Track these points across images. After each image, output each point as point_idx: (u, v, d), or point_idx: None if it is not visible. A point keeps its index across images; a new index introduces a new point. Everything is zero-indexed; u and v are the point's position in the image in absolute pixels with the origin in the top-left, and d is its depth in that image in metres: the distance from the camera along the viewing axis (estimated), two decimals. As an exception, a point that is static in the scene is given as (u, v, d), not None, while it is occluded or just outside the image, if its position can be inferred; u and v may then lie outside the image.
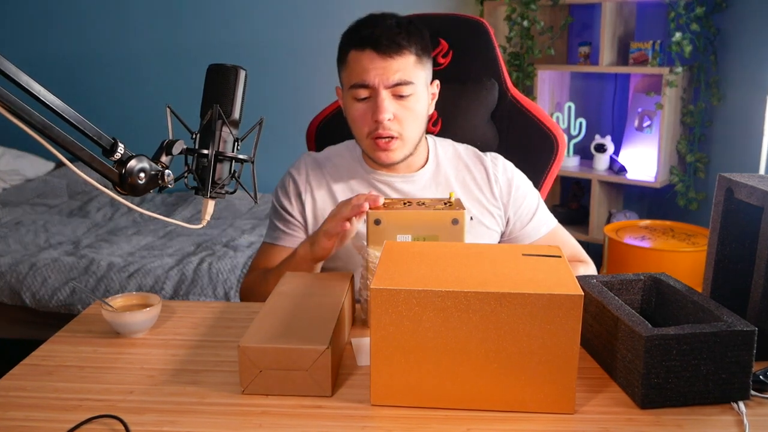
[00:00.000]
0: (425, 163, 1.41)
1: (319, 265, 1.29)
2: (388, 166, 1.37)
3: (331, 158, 1.43)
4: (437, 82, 1.39)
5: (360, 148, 1.42)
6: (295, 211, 1.41)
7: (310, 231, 1.39)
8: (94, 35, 3.68)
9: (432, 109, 1.39)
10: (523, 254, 0.95)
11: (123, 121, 3.50)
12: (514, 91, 1.60)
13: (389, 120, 1.28)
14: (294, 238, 1.40)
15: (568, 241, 1.44)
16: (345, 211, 1.15)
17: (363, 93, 1.29)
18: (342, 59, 1.33)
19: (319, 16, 3.50)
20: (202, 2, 3.58)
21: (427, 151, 1.43)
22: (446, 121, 1.57)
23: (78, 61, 3.70)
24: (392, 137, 1.30)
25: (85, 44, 3.69)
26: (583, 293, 0.83)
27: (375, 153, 1.33)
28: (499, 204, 1.40)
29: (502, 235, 1.43)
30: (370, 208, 1.11)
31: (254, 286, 1.38)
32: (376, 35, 1.26)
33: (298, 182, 1.41)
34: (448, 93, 1.54)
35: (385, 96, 1.27)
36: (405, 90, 1.28)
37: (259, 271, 1.40)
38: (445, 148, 1.45)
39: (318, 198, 1.39)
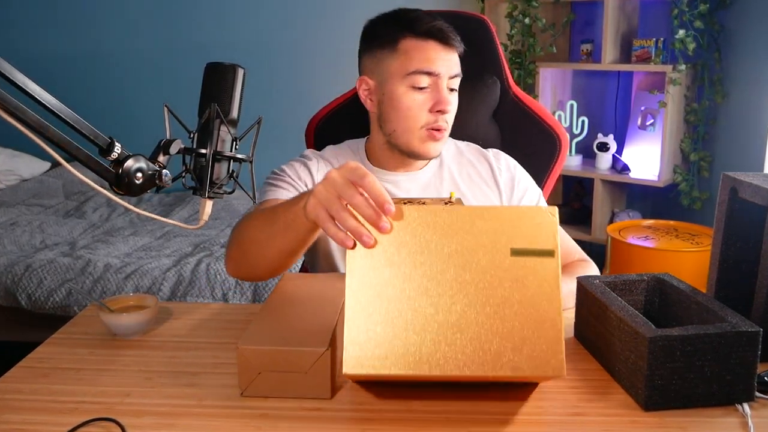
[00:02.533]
0: (428, 161, 1.41)
1: (315, 235, 1.04)
2: (427, 159, 1.36)
3: (336, 157, 1.41)
4: None
5: (363, 148, 1.40)
6: (301, 181, 1.34)
7: None
8: (90, 34, 3.67)
9: None
10: (512, 253, 0.85)
11: (120, 120, 3.49)
12: (516, 90, 1.59)
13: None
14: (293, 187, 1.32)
15: (564, 241, 1.43)
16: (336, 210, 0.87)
17: (425, 81, 1.27)
18: (390, 46, 1.29)
19: (319, 15, 3.50)
20: (199, 0, 3.57)
21: None
22: (447, 120, 1.56)
23: (74, 59, 3.69)
24: (442, 129, 1.30)
25: (82, 43, 3.68)
26: (564, 373, 0.83)
27: (426, 144, 1.30)
28: (503, 198, 1.40)
29: None
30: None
31: (244, 225, 1.16)
32: (438, 27, 1.27)
33: (310, 166, 1.36)
34: (449, 91, 1.53)
35: (446, 87, 1.28)
36: (456, 83, 1.31)
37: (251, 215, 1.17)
38: (446, 146, 1.45)
39: None
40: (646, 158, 3.06)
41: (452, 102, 1.30)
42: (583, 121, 3.20)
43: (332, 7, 3.47)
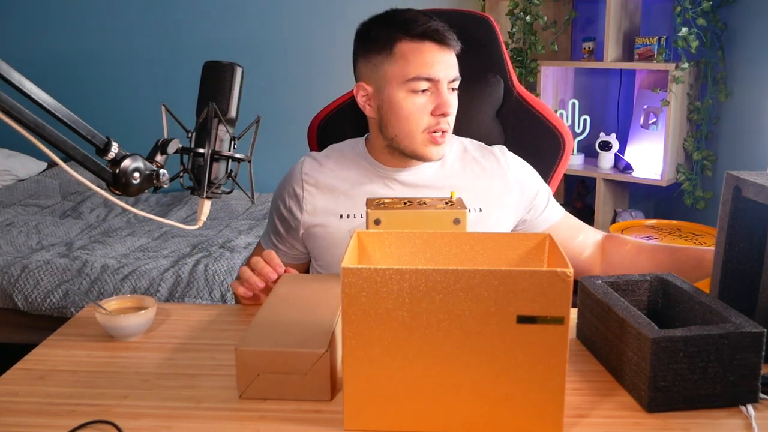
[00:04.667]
0: None
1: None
2: (427, 161, 1.35)
3: (333, 155, 1.42)
4: None
5: (363, 145, 1.40)
6: (287, 212, 1.39)
7: (308, 226, 1.37)
8: (87, 32, 3.66)
9: None
10: (519, 320, 0.79)
11: (117, 119, 3.49)
12: (520, 89, 1.58)
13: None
14: (279, 251, 1.41)
15: (583, 225, 1.45)
16: (252, 280, 1.18)
17: (425, 85, 1.26)
18: (386, 50, 1.28)
19: (318, 13, 3.49)
20: (198, -2, 3.57)
21: None
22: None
23: (71, 58, 3.68)
24: (445, 131, 1.30)
25: (78, 42, 3.67)
26: None
27: (428, 147, 1.30)
28: (514, 192, 1.39)
29: (519, 222, 1.42)
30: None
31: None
32: (434, 28, 1.26)
33: (295, 184, 1.39)
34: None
35: (447, 90, 1.28)
36: (456, 84, 1.30)
37: None
38: (450, 142, 1.44)
39: (317, 195, 1.37)
40: (648, 157, 3.05)
41: (453, 104, 1.29)
42: (585, 120, 3.19)
43: (332, 4, 3.46)
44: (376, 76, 1.30)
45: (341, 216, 1.34)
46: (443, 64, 1.26)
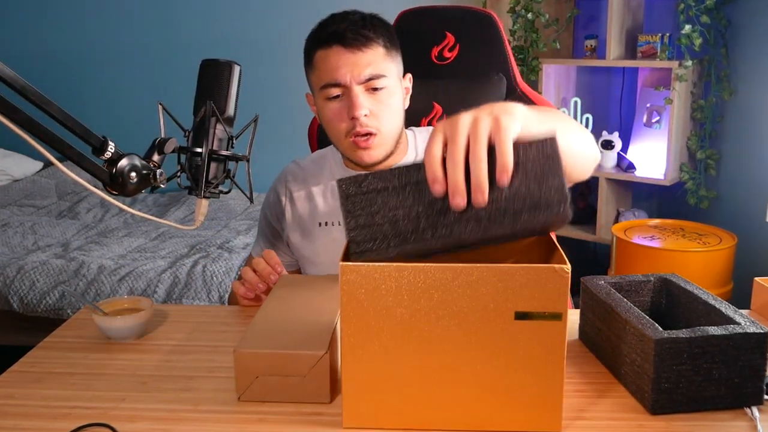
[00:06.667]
0: (404, 157, 1.37)
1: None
2: (370, 167, 1.30)
3: (315, 161, 1.43)
4: (410, 75, 1.35)
5: (340, 153, 1.39)
6: (274, 220, 1.41)
7: (290, 234, 1.38)
8: (83, 31, 3.66)
9: (407, 104, 1.34)
10: (516, 317, 0.79)
11: (113, 118, 3.48)
12: (524, 86, 1.57)
13: (365, 116, 1.23)
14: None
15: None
16: (252, 281, 1.19)
17: (335, 91, 1.24)
18: (309, 62, 1.28)
19: (318, 10, 3.47)
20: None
21: (406, 144, 1.39)
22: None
23: (67, 57, 3.68)
24: (370, 134, 1.25)
25: (75, 40, 3.67)
26: (561, 428, 0.81)
27: (355, 153, 1.27)
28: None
29: None
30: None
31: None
32: (341, 30, 1.23)
33: (279, 191, 1.41)
34: (453, 88, 1.51)
35: (358, 92, 1.22)
36: (378, 83, 1.24)
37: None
38: (423, 137, 1.41)
39: (297, 203, 1.38)
40: (651, 156, 3.03)
41: (366, 105, 1.23)
42: (587, 119, 3.18)
43: (332, 3, 3.45)
44: (310, 85, 1.32)
45: (320, 224, 1.34)
46: (349, 66, 1.22)
